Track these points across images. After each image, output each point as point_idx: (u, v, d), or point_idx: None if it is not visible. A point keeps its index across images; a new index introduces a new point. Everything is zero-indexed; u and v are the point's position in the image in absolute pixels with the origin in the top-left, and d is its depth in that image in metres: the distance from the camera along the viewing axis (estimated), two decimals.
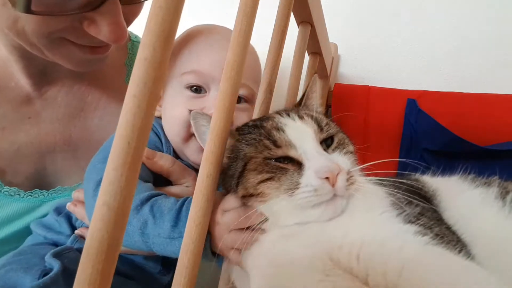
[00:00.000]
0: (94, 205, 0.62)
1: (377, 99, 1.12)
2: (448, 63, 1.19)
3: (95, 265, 0.33)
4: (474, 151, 0.97)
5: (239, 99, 0.78)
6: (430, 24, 1.21)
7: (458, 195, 0.62)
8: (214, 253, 0.58)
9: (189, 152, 0.77)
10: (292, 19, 0.76)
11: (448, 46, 1.19)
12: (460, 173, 0.68)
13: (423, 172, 0.71)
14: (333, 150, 0.56)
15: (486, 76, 1.16)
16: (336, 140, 0.58)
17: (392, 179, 0.58)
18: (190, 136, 0.76)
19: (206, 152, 0.52)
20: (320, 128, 0.57)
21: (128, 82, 0.95)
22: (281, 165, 0.53)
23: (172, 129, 0.77)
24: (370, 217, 0.51)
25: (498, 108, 1.03)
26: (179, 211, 0.58)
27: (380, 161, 0.57)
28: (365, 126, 1.11)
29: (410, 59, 1.22)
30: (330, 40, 1.13)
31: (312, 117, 0.58)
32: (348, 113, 1.13)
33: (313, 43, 0.93)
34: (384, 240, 0.47)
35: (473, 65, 1.17)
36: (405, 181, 0.63)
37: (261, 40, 0.83)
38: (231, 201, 0.56)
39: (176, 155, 0.79)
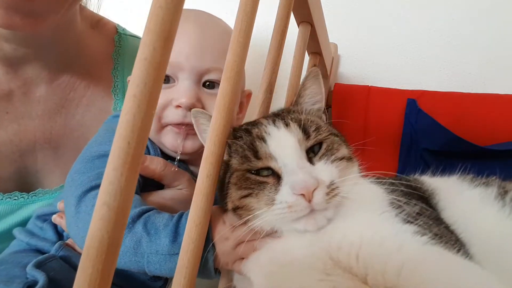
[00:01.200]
0: (76, 223, 0.61)
1: (377, 99, 1.12)
2: (448, 63, 1.19)
3: (95, 265, 0.33)
4: (474, 151, 0.97)
5: (212, 84, 0.75)
6: (430, 24, 1.21)
7: (457, 194, 0.63)
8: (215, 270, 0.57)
9: (166, 140, 0.75)
10: (292, 19, 0.76)
11: (448, 46, 1.19)
12: (459, 173, 0.68)
13: (422, 172, 0.71)
14: (320, 157, 0.54)
15: (486, 76, 1.16)
16: (324, 146, 0.55)
17: (390, 179, 0.58)
18: (162, 127, 0.74)
19: (206, 153, 0.52)
20: (307, 135, 0.54)
21: (114, 75, 0.95)
22: (260, 179, 0.52)
23: None
24: (368, 217, 0.51)
25: (498, 108, 1.03)
26: (177, 226, 0.56)
27: (379, 172, 0.57)
28: (365, 126, 1.11)
29: (410, 59, 1.22)
30: (330, 40, 1.13)
31: (299, 122, 0.55)
32: (348, 113, 1.13)
33: (313, 43, 0.93)
34: (383, 240, 0.47)
35: (473, 65, 1.17)
36: (403, 181, 0.63)
37: (261, 40, 0.83)
38: (233, 219, 0.56)
39: (164, 156, 0.77)
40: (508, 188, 0.63)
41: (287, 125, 0.55)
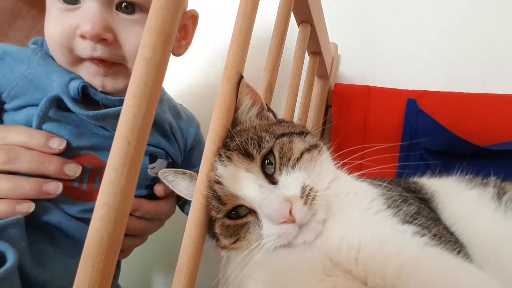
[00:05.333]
0: None
1: (377, 99, 1.12)
2: (448, 63, 1.19)
3: (96, 264, 0.33)
4: (474, 151, 0.97)
5: (130, 7, 0.61)
6: (430, 24, 1.21)
7: (456, 196, 0.62)
8: None
9: (86, 76, 0.63)
10: (292, 19, 0.76)
11: (448, 46, 1.19)
12: (458, 174, 0.68)
13: (423, 172, 0.71)
14: (279, 169, 0.50)
15: (486, 76, 1.16)
16: (276, 154, 0.51)
17: (388, 180, 0.58)
18: (77, 60, 0.62)
19: (206, 152, 0.52)
20: (251, 157, 0.50)
21: None
22: (240, 222, 0.51)
23: (53, 52, 0.63)
24: (364, 218, 0.50)
25: (498, 108, 1.03)
26: None
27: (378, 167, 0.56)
28: (365, 126, 1.11)
29: (410, 59, 1.22)
30: (330, 40, 1.13)
31: (238, 148, 0.51)
32: (348, 113, 1.13)
33: (313, 43, 0.93)
34: (383, 241, 0.47)
35: (473, 65, 1.17)
36: (402, 182, 0.62)
37: (261, 40, 0.83)
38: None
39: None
40: (507, 189, 0.63)
41: (229, 158, 0.50)
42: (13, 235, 0.56)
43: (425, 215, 0.52)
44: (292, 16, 0.76)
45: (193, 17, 0.77)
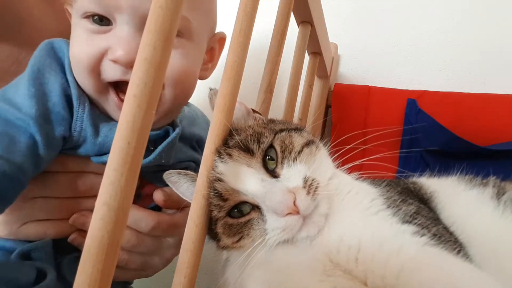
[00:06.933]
0: None
1: (377, 99, 1.12)
2: (448, 63, 1.19)
3: (96, 264, 0.33)
4: (474, 151, 0.97)
5: None
6: (430, 24, 1.21)
7: (455, 196, 0.62)
8: None
9: (111, 108, 0.61)
10: (292, 19, 0.76)
11: (448, 46, 1.19)
12: (458, 174, 0.68)
13: (422, 172, 0.71)
14: (281, 162, 0.51)
15: (486, 76, 1.16)
16: (278, 148, 0.52)
17: (388, 180, 0.58)
18: (104, 87, 0.59)
19: (206, 152, 0.52)
20: (251, 152, 0.51)
21: None
22: (244, 220, 0.50)
23: (77, 74, 0.59)
24: (364, 217, 0.50)
25: (498, 108, 1.03)
26: None
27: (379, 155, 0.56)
28: (365, 126, 1.11)
29: (410, 59, 1.22)
30: (330, 40, 1.13)
31: (238, 145, 0.52)
32: (348, 113, 1.13)
33: (313, 43, 0.93)
34: (382, 241, 0.47)
35: (473, 65, 1.17)
36: (401, 182, 0.63)
37: (261, 40, 0.83)
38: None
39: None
40: (507, 189, 0.63)
41: (229, 155, 0.51)
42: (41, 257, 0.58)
43: (425, 215, 0.52)
44: (292, 16, 0.76)
45: (221, 40, 0.75)
